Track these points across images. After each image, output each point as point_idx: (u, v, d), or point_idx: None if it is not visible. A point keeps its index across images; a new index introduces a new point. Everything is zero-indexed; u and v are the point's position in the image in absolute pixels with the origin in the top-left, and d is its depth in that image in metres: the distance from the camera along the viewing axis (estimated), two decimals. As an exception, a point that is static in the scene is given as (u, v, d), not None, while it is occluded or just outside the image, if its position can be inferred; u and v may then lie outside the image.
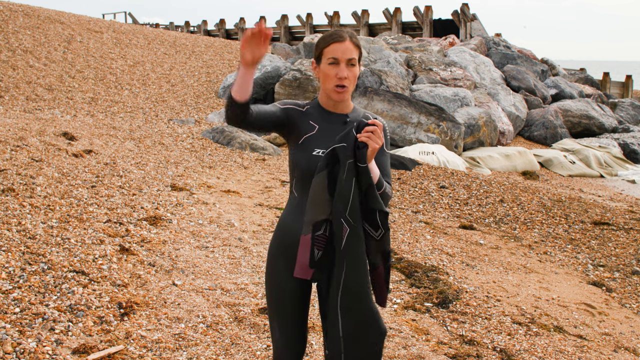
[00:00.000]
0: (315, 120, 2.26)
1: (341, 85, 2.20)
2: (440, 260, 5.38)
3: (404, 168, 8.99)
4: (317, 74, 2.28)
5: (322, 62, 2.23)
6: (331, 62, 2.20)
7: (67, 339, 3.18)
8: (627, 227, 6.92)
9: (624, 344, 4.10)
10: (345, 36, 2.22)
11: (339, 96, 2.22)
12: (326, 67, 2.21)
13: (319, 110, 2.29)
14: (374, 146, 2.06)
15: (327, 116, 2.28)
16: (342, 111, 2.29)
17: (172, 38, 18.18)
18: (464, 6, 22.20)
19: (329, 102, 2.28)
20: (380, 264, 2.20)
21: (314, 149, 2.21)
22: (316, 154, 2.20)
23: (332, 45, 2.20)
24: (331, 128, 2.25)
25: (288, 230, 2.26)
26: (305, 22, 28.32)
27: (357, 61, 2.23)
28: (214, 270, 4.47)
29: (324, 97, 2.29)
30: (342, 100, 2.24)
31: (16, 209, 4.75)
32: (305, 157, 2.21)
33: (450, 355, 3.63)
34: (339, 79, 2.19)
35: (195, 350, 3.34)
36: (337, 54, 2.19)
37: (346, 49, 2.19)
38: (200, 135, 9.80)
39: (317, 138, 2.23)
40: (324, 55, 2.22)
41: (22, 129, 7.58)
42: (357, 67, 2.24)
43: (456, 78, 13.94)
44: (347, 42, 2.20)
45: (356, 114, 2.31)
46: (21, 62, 12.19)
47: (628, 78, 24.65)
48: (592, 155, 12.25)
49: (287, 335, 2.31)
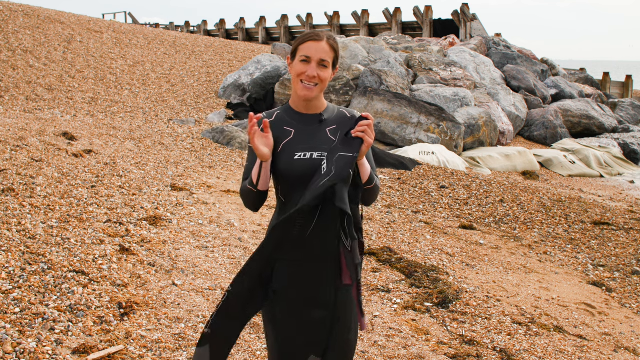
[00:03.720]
0: (290, 125, 2.21)
1: (309, 82, 2.15)
2: (440, 260, 5.38)
3: (404, 168, 8.99)
4: (290, 71, 2.23)
5: (295, 59, 2.19)
6: (303, 60, 2.15)
7: (67, 339, 3.18)
8: (627, 227, 6.92)
9: (624, 344, 4.10)
10: (323, 36, 2.18)
11: (305, 93, 2.16)
12: (297, 65, 2.17)
13: (291, 114, 2.23)
14: (368, 141, 2.06)
15: (300, 118, 2.22)
16: (315, 111, 2.24)
17: (172, 38, 18.18)
18: (464, 6, 22.19)
19: (300, 103, 2.23)
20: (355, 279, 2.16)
21: (295, 153, 2.16)
22: (298, 158, 2.15)
23: (306, 43, 2.17)
24: (307, 129, 2.20)
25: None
26: (305, 22, 28.32)
27: (330, 64, 2.18)
28: (214, 270, 4.47)
29: (295, 99, 2.23)
30: (309, 97, 2.17)
31: (16, 209, 4.75)
32: (288, 162, 2.15)
33: (450, 355, 3.63)
34: (308, 77, 2.15)
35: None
36: (310, 52, 2.15)
37: (320, 48, 2.15)
38: (200, 135, 9.80)
39: (296, 142, 2.18)
40: (298, 52, 2.18)
41: (22, 129, 7.58)
42: (330, 69, 2.19)
43: (456, 78, 13.94)
44: (323, 42, 2.16)
45: (330, 111, 2.26)
46: (21, 62, 12.19)
47: (628, 78, 24.65)
48: (592, 155, 12.25)
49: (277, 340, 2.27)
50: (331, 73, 2.20)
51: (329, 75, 2.19)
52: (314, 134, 2.19)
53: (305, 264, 2.17)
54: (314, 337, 2.21)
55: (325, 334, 2.22)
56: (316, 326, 2.20)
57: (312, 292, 2.19)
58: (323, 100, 2.26)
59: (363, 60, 14.07)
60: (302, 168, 2.14)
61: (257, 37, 30.56)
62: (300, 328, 2.19)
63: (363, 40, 15.21)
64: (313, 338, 2.21)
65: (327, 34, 2.21)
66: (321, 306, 2.19)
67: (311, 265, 2.17)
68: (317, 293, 2.19)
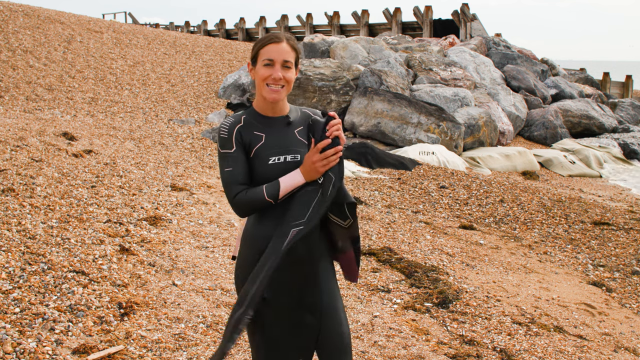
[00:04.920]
0: (259, 130, 2.21)
1: (275, 85, 2.16)
2: (440, 260, 5.38)
3: (404, 168, 8.99)
4: (253, 76, 2.23)
5: (257, 64, 2.20)
6: (266, 64, 2.16)
7: (67, 339, 3.18)
8: (627, 227, 6.92)
9: (624, 344, 4.10)
10: (282, 37, 2.19)
11: (272, 96, 2.17)
12: (261, 69, 2.17)
13: (258, 118, 2.23)
14: (344, 140, 2.18)
15: (268, 122, 2.23)
16: (281, 113, 2.25)
17: (172, 38, 18.18)
18: (464, 6, 22.19)
19: (266, 107, 2.23)
20: (351, 248, 2.32)
21: (269, 157, 2.17)
22: (272, 163, 2.17)
23: (267, 46, 2.17)
24: (277, 132, 2.22)
25: (257, 241, 2.20)
26: (305, 22, 28.32)
27: (293, 64, 2.19)
28: (214, 270, 4.47)
29: (261, 102, 2.23)
30: (277, 100, 2.18)
31: (16, 209, 4.75)
32: (262, 167, 2.17)
33: (450, 355, 3.63)
34: (274, 80, 2.15)
35: (195, 350, 3.34)
36: (273, 55, 2.16)
37: (282, 50, 2.16)
38: (200, 135, 9.80)
39: (268, 147, 2.19)
40: (259, 56, 2.19)
41: (22, 129, 7.58)
42: (294, 70, 2.20)
43: (456, 78, 13.94)
44: (284, 43, 2.17)
45: (294, 112, 2.28)
46: (21, 62, 12.19)
47: (628, 78, 24.64)
48: (592, 155, 12.25)
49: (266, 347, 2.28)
50: (294, 73, 2.22)
51: (294, 75, 2.21)
52: (284, 136, 2.22)
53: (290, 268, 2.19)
54: (302, 341, 2.24)
55: (313, 338, 2.26)
56: (304, 330, 2.23)
57: (299, 295, 2.22)
58: (286, 103, 2.28)
59: (363, 60, 14.07)
60: (276, 172, 2.16)
61: (257, 37, 30.58)
62: (289, 332, 2.22)
63: (363, 40, 15.21)
64: (301, 342, 2.24)
65: (286, 35, 2.22)
66: (308, 309, 2.23)
67: (297, 268, 2.21)
68: (303, 296, 2.22)
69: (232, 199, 2.16)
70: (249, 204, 2.14)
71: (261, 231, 2.19)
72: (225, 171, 2.17)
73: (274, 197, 2.13)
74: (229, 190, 2.16)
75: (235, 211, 2.18)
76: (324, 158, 2.12)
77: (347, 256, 2.33)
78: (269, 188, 2.13)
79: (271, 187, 2.13)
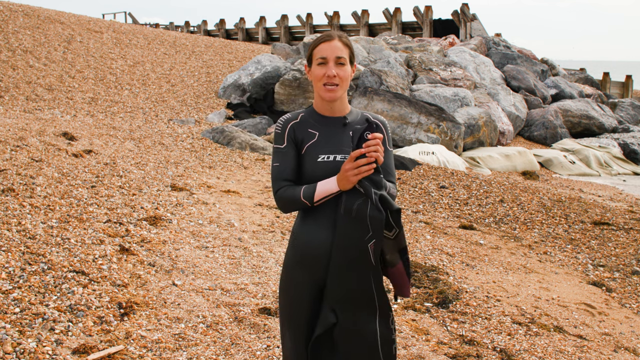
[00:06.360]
0: (314, 128, 2.23)
1: (331, 84, 2.18)
2: (440, 260, 5.38)
3: (404, 168, 8.99)
4: (310, 77, 2.26)
5: (312, 64, 2.23)
6: (320, 63, 2.19)
7: (67, 339, 3.18)
8: (627, 227, 6.92)
9: (624, 344, 4.10)
10: (334, 35, 2.21)
11: (329, 95, 2.19)
12: (316, 68, 2.20)
13: (315, 117, 2.26)
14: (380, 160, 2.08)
15: (324, 121, 2.25)
16: (340, 114, 2.26)
17: (172, 38, 18.18)
18: (464, 6, 22.19)
19: (324, 106, 2.25)
20: (399, 261, 2.20)
21: (318, 155, 2.19)
22: (321, 160, 2.18)
23: (320, 46, 2.20)
24: (331, 132, 2.23)
25: (302, 241, 2.21)
26: (305, 22, 28.31)
27: (347, 60, 2.20)
28: (214, 270, 4.47)
29: (319, 101, 2.25)
30: (334, 99, 2.20)
31: (16, 209, 4.75)
32: (311, 165, 2.19)
33: (450, 355, 3.63)
34: (328, 78, 2.17)
35: (195, 350, 3.34)
36: (326, 52, 2.18)
37: (334, 47, 2.18)
38: (200, 135, 9.80)
39: (319, 145, 2.20)
40: (314, 56, 2.22)
41: (22, 129, 7.58)
42: (348, 66, 2.21)
43: (456, 78, 13.94)
44: (336, 40, 2.19)
45: (354, 115, 2.28)
46: (21, 62, 12.19)
47: (628, 78, 24.65)
48: (592, 155, 12.25)
49: (298, 344, 2.26)
50: (350, 71, 2.22)
51: (349, 73, 2.21)
52: (338, 136, 2.22)
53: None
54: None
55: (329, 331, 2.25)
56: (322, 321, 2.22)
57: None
58: (347, 103, 2.29)
59: (363, 60, 14.06)
60: (325, 170, 2.17)
61: (257, 37, 30.56)
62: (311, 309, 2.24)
63: (363, 40, 15.21)
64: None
65: (338, 32, 2.24)
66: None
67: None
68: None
69: (274, 193, 2.21)
70: (287, 201, 2.17)
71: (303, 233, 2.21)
72: (273, 166, 2.23)
73: (309, 198, 2.14)
74: (274, 184, 2.21)
75: (277, 206, 2.22)
76: (355, 167, 2.06)
77: (397, 269, 2.21)
78: (306, 189, 2.15)
79: (308, 189, 2.15)
